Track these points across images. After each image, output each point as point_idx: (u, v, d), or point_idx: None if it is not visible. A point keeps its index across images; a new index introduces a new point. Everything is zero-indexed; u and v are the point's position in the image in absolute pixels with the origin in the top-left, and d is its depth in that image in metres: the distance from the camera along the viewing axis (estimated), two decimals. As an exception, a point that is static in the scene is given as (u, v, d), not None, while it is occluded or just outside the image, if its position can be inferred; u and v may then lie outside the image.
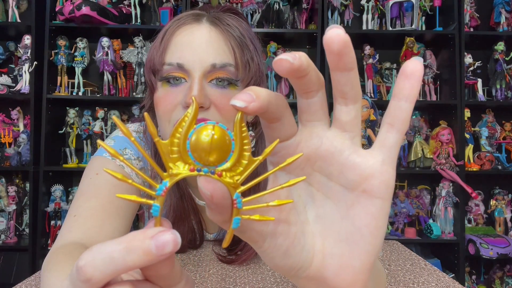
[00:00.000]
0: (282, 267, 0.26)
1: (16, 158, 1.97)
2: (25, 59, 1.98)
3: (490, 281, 2.04)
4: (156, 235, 0.19)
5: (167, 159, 0.21)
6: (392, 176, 0.24)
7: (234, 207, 0.22)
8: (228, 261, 0.63)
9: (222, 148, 0.21)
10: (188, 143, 0.21)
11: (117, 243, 0.19)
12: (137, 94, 2.04)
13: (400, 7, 2.02)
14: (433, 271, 0.60)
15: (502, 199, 2.10)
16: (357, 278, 0.25)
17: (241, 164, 0.22)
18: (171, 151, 0.21)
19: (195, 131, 0.21)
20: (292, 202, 0.24)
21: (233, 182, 0.21)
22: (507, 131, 2.14)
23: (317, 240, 0.26)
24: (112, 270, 0.18)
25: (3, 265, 1.96)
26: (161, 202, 0.21)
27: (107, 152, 0.22)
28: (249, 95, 0.21)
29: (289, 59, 0.21)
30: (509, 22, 2.09)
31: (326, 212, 0.26)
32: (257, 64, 0.59)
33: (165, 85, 0.57)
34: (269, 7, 2.03)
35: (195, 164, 0.21)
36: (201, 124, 0.21)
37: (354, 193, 0.24)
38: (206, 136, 0.20)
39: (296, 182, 0.22)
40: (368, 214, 0.24)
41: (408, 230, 1.97)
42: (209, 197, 0.20)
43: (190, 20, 0.58)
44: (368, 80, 2.07)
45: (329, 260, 0.25)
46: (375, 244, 0.24)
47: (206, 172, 0.21)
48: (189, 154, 0.21)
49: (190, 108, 0.21)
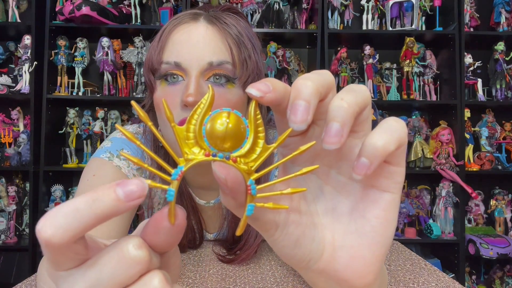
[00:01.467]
0: (293, 257, 0.26)
1: (16, 158, 1.97)
2: (25, 59, 1.98)
3: (490, 281, 2.04)
4: (122, 182, 0.18)
5: (183, 144, 0.21)
6: (401, 172, 0.24)
7: (248, 194, 0.22)
8: (227, 260, 0.63)
9: (236, 135, 0.21)
10: (203, 129, 0.21)
11: (82, 196, 0.18)
12: (137, 94, 2.04)
13: (400, 7, 2.02)
14: (433, 271, 0.60)
15: (502, 199, 2.10)
16: (369, 270, 0.25)
17: (255, 151, 0.22)
18: (187, 136, 0.21)
19: (211, 117, 0.21)
20: (305, 190, 0.24)
21: (247, 168, 0.21)
22: (507, 131, 2.14)
23: (327, 233, 0.26)
24: (77, 223, 0.17)
25: (3, 265, 1.96)
26: (176, 186, 0.21)
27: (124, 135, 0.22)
28: (266, 86, 0.21)
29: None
30: (509, 22, 2.09)
31: (335, 205, 0.26)
32: (255, 62, 0.60)
33: (163, 84, 0.57)
34: (269, 7, 2.03)
35: (210, 149, 0.21)
36: (217, 111, 0.21)
37: (363, 187, 0.25)
38: (221, 123, 0.21)
39: (309, 170, 0.22)
40: (378, 206, 0.24)
41: (408, 230, 1.97)
42: (223, 181, 0.21)
43: (188, 19, 0.58)
44: (368, 80, 2.07)
45: (339, 252, 0.25)
46: (386, 235, 0.24)
47: (221, 157, 0.21)
48: (204, 139, 0.21)
49: (206, 95, 0.21)
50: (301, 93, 0.21)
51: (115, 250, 0.18)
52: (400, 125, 0.23)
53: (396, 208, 0.25)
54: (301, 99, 0.21)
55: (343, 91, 0.23)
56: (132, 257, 0.18)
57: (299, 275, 0.58)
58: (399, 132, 0.23)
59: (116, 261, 0.18)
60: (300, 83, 0.22)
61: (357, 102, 0.22)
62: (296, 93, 0.21)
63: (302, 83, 0.22)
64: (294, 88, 0.22)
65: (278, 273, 0.59)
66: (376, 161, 0.22)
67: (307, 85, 0.21)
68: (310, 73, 0.23)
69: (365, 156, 0.22)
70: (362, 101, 0.23)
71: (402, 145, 0.23)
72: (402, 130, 0.23)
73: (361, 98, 0.23)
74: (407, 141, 0.25)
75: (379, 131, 0.22)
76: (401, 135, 0.23)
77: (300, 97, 0.21)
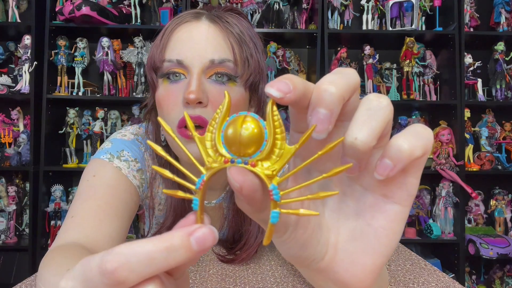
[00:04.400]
0: (297, 258, 0.26)
1: (16, 158, 1.97)
2: (25, 59, 1.98)
3: (490, 281, 2.04)
4: (195, 231, 0.19)
5: (205, 153, 0.21)
6: (415, 185, 0.23)
7: (271, 199, 0.21)
8: (227, 260, 0.64)
9: (255, 138, 0.20)
10: (222, 135, 0.21)
11: (155, 243, 0.18)
12: (137, 94, 2.04)
13: (400, 7, 2.02)
14: (433, 271, 0.60)
15: (502, 199, 2.10)
16: (368, 276, 0.25)
17: (276, 153, 0.21)
18: (206, 145, 0.22)
19: (228, 123, 0.21)
20: (338, 194, 0.23)
21: (270, 172, 0.21)
22: (507, 131, 2.14)
23: (331, 234, 0.26)
24: (152, 270, 0.18)
25: (3, 265, 1.96)
26: (200, 195, 0.21)
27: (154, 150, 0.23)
28: (286, 85, 0.20)
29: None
30: (509, 22, 2.09)
31: (342, 208, 0.26)
32: (256, 61, 0.60)
33: (165, 82, 0.57)
34: (269, 7, 2.03)
35: (230, 156, 0.21)
36: (233, 116, 0.21)
37: (373, 195, 0.24)
38: (238, 128, 0.20)
39: (341, 170, 0.21)
40: (386, 217, 0.24)
41: (408, 230, 1.97)
42: (238, 189, 0.20)
43: (190, 18, 0.59)
44: (368, 80, 2.07)
45: (341, 255, 0.25)
46: (389, 246, 0.24)
47: (240, 163, 0.21)
48: (223, 146, 0.21)
49: (223, 102, 0.22)
50: (324, 101, 0.20)
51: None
52: (427, 132, 0.22)
53: (404, 221, 0.24)
54: (323, 107, 0.20)
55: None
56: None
57: (299, 275, 0.58)
58: (426, 139, 0.22)
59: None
60: (324, 89, 0.20)
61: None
62: (319, 99, 0.20)
63: (326, 89, 0.20)
64: (318, 93, 0.21)
65: (278, 273, 0.59)
66: (400, 165, 0.21)
67: (331, 92, 0.20)
68: (335, 74, 0.22)
69: (388, 157, 0.21)
70: (352, 84, 0.22)
71: (427, 153, 0.22)
72: (429, 138, 0.22)
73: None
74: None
75: (405, 134, 0.22)
76: (427, 143, 0.22)
77: (323, 105, 0.20)
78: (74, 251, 0.45)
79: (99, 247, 0.51)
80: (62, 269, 0.40)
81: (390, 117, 0.22)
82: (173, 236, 0.19)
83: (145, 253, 0.18)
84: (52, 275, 0.40)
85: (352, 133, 0.21)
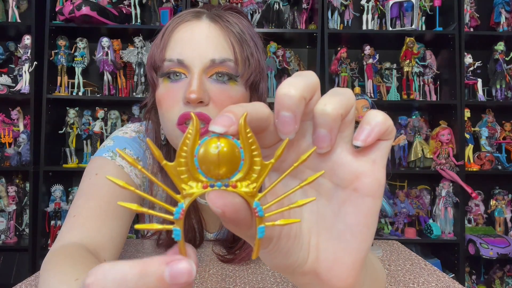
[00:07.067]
0: (282, 266, 0.26)
1: (16, 158, 1.97)
2: (25, 59, 1.98)
3: (490, 281, 2.04)
4: (172, 262, 0.18)
5: (178, 181, 0.20)
6: (383, 175, 0.24)
7: (255, 216, 0.21)
8: (227, 260, 0.64)
9: (231, 159, 0.20)
10: (195, 160, 0.20)
11: (131, 265, 0.18)
12: (137, 94, 2.04)
13: (400, 7, 2.02)
14: (433, 271, 0.60)
15: (502, 199, 2.10)
16: (349, 274, 0.25)
17: (254, 170, 0.21)
18: (180, 172, 0.20)
19: (200, 146, 0.20)
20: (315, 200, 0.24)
21: (250, 191, 0.21)
22: (507, 131, 2.14)
23: (312, 236, 0.26)
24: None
25: (3, 265, 1.96)
26: (180, 225, 0.20)
27: (124, 159, 0.21)
28: (228, 118, 0.20)
29: None
30: (509, 22, 2.09)
31: (319, 208, 0.26)
32: (257, 60, 0.60)
33: (166, 81, 0.57)
34: (269, 7, 2.03)
35: (207, 180, 0.20)
36: (205, 139, 0.20)
37: (345, 191, 0.24)
38: (213, 150, 0.20)
39: (315, 178, 0.22)
40: (359, 212, 0.24)
41: (408, 230, 1.97)
42: (220, 213, 0.20)
43: (190, 17, 0.58)
44: (368, 80, 2.07)
45: (322, 256, 0.26)
46: (365, 241, 0.25)
47: (220, 186, 0.20)
48: (199, 171, 0.20)
49: (191, 125, 0.20)
50: (286, 104, 0.21)
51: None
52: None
53: (377, 214, 0.25)
54: (285, 110, 0.21)
55: (328, 95, 0.23)
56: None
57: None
58: (343, 94, 0.23)
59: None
60: (283, 93, 0.21)
61: (341, 106, 0.22)
62: (281, 103, 0.21)
63: (286, 93, 0.21)
64: (278, 97, 0.21)
65: (278, 273, 0.59)
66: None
67: (290, 95, 0.21)
68: (294, 77, 0.23)
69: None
70: (311, 84, 0.23)
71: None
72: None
73: (345, 101, 0.23)
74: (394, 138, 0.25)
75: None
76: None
77: (285, 108, 0.21)
78: (79, 256, 0.45)
79: (101, 248, 0.51)
80: (68, 277, 0.40)
81: (353, 103, 0.24)
82: (150, 262, 0.18)
83: (120, 272, 0.18)
84: (58, 282, 0.40)
85: (321, 101, 0.23)
